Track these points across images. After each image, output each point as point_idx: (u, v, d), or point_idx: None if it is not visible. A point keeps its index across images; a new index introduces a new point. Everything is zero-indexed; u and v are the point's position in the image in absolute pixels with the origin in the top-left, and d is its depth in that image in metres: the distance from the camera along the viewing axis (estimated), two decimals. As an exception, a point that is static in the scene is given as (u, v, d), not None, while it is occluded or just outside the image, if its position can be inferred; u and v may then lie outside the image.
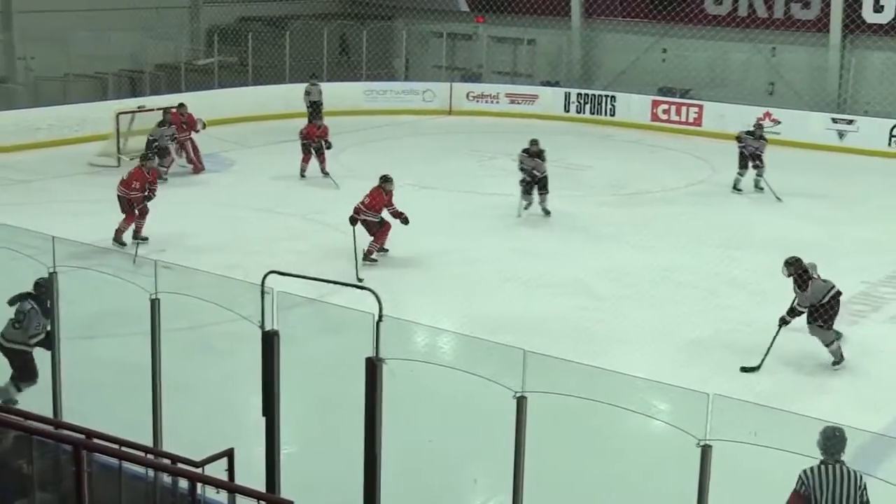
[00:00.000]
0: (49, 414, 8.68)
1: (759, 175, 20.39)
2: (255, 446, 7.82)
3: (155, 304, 8.30)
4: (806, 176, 22.66)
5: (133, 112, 23.08)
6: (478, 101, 30.73)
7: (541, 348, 10.93)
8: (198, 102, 23.89)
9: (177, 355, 9.06)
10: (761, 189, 20.45)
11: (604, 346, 12.51)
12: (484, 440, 9.46)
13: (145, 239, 16.21)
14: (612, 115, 29.56)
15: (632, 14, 30.64)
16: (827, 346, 12.18)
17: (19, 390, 10.16)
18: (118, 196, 16.44)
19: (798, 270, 12.21)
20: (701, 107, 28.16)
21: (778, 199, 19.98)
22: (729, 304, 14.17)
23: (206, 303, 8.41)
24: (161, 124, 21.41)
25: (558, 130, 28.53)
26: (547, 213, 18.63)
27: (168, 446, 8.27)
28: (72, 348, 9.38)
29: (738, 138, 20.41)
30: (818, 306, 12.10)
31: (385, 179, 15.89)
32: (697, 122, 28.08)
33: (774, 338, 12.10)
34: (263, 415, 7.72)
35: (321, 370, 10.70)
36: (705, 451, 6.15)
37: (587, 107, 29.97)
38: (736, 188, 20.69)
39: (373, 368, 7.04)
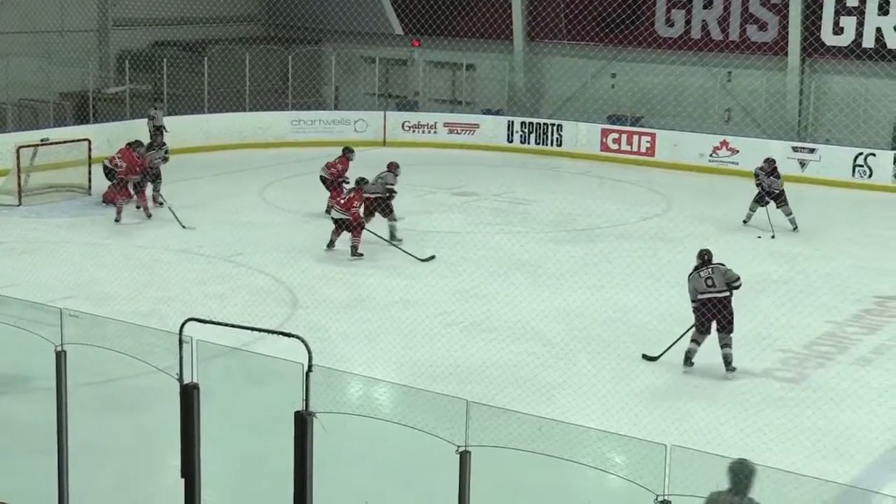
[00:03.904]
0: (-59, 481, 8.51)
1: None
2: (173, 512, 7.72)
3: (61, 357, 8.19)
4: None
5: (35, 146, 22.81)
6: (414, 132, 30.88)
7: (485, 398, 10.99)
8: (108, 135, 23.73)
9: (85, 413, 8.94)
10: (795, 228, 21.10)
11: (553, 394, 12.55)
12: (425, 499, 9.43)
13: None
14: (559, 145, 29.86)
15: (578, 37, 31.01)
16: (689, 340, 13.61)
17: None
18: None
19: (697, 262, 13.71)
20: (653, 135, 28.55)
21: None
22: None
23: (118, 354, 8.33)
24: (150, 148, 21.88)
25: (501, 162, 28.78)
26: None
27: (76, 514, 8.15)
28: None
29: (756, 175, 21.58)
30: (697, 304, 13.56)
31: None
32: (650, 151, 28.46)
33: (685, 332, 13.59)
34: (182, 476, 7.64)
35: (246, 426, 10.61)
36: (664, 507, 6.18)
37: (532, 136, 30.24)
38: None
39: (302, 423, 7.00)
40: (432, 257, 18.35)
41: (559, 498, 9.48)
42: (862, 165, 26.06)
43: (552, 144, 29.97)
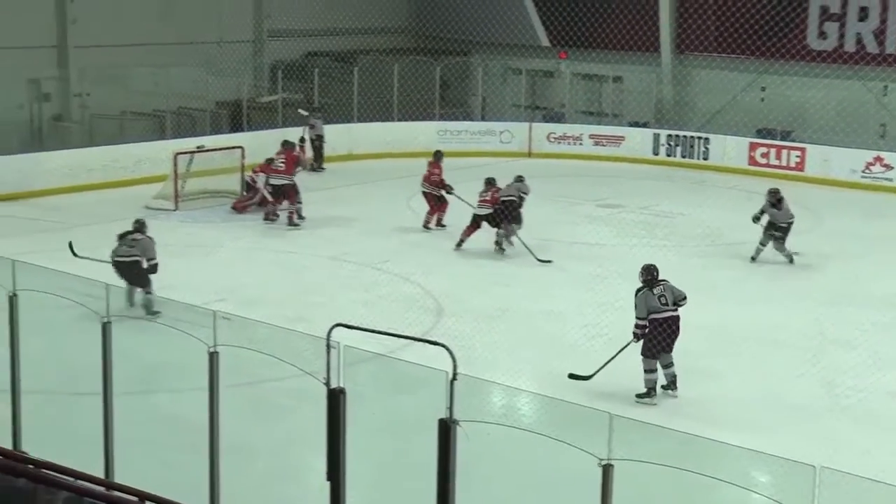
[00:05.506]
0: (100, 474, 8.79)
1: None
2: (318, 513, 7.83)
3: (213, 358, 8.39)
4: (922, 226, 22.30)
5: (192, 152, 23.46)
6: (560, 143, 30.79)
7: (629, 412, 10.88)
8: (261, 142, 24.26)
9: (236, 413, 9.14)
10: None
11: (697, 410, 12.35)
12: (566, 511, 9.37)
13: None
14: (706, 158, 29.41)
15: (727, 49, 30.51)
16: (644, 371, 12.58)
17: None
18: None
19: (646, 277, 12.89)
20: (803, 150, 27.87)
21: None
22: (838, 367, 13.91)
23: (267, 357, 8.51)
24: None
25: (647, 175, 28.46)
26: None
27: (226, 511, 8.32)
28: (126, 403, 9.51)
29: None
30: (648, 324, 12.57)
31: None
32: (800, 166, 27.79)
33: (621, 350, 12.76)
34: (328, 479, 7.75)
35: (390, 431, 10.70)
36: (812, 529, 6.03)
37: (678, 149, 29.86)
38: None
39: (446, 431, 7.03)
40: (550, 261, 18.72)
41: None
42: None
43: (699, 158, 29.53)
